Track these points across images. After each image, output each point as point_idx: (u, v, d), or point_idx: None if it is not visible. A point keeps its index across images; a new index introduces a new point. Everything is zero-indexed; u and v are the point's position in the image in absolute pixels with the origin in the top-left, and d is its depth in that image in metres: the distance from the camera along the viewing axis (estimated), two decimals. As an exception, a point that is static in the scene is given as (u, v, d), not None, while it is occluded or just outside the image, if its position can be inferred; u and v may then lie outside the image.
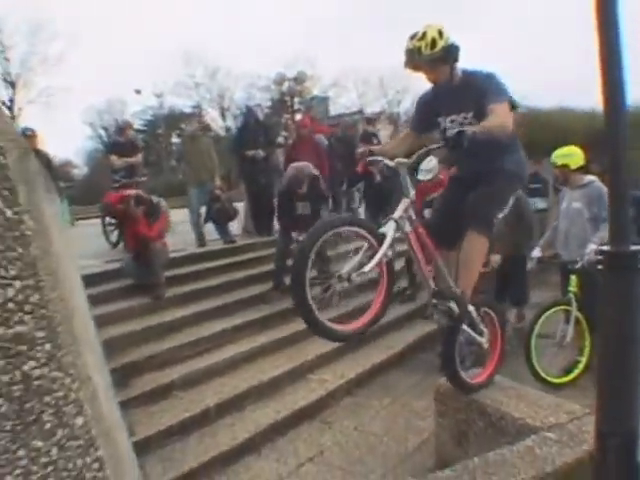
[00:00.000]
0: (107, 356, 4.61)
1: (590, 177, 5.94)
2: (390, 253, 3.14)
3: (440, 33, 3.48)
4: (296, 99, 28.22)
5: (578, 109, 16.70)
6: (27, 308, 1.46)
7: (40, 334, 1.47)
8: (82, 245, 9.48)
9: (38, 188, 2.29)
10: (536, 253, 6.46)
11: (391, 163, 3.47)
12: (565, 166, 6.04)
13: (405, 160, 3.40)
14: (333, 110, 46.64)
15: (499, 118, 3.34)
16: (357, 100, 48.37)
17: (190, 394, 5.42)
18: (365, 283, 3.86)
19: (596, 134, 6.48)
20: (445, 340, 3.87)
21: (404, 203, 3.33)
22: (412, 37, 3.50)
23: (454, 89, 3.64)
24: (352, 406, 5.60)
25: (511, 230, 6.19)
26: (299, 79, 23.40)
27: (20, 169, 1.69)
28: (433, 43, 3.45)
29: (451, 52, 3.54)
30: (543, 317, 5.79)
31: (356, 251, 3.13)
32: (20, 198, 1.52)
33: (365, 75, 48.53)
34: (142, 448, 4.40)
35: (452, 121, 3.73)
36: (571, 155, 6.04)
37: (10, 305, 1.44)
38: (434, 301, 3.65)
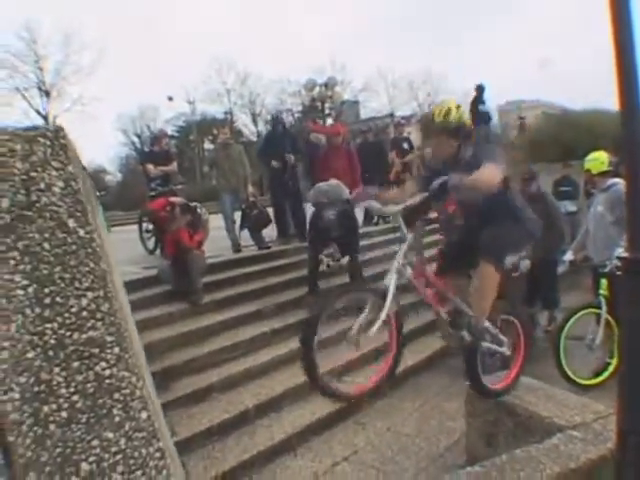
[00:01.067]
0: (148, 360, 4.80)
1: (614, 180, 5.98)
2: (395, 307, 3.31)
3: (457, 107, 3.68)
4: (327, 104, 28.17)
5: (611, 110, 16.46)
6: (98, 316, 1.66)
7: (110, 338, 1.68)
8: (119, 251, 9.67)
9: (94, 203, 2.50)
10: (568, 256, 6.51)
11: (386, 210, 3.64)
12: (588, 171, 6.14)
13: (397, 208, 3.51)
14: (364, 114, 46.86)
15: (485, 172, 3.39)
16: (388, 104, 48.59)
17: (229, 396, 5.57)
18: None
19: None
20: (465, 358, 3.99)
21: (402, 249, 3.45)
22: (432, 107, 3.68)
23: (461, 163, 3.72)
24: (385, 408, 5.71)
25: (541, 234, 6.25)
26: (329, 84, 23.38)
27: (85, 190, 1.89)
28: (447, 113, 3.63)
29: (462, 129, 3.69)
30: (572, 319, 5.84)
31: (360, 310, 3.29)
32: (89, 218, 1.72)
33: (395, 78, 48.74)
34: (184, 448, 4.55)
35: None
36: (595, 160, 6.13)
37: (84, 313, 1.64)
38: (450, 330, 3.85)
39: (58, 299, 1.63)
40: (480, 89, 16.76)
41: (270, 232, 9.86)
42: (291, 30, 70.28)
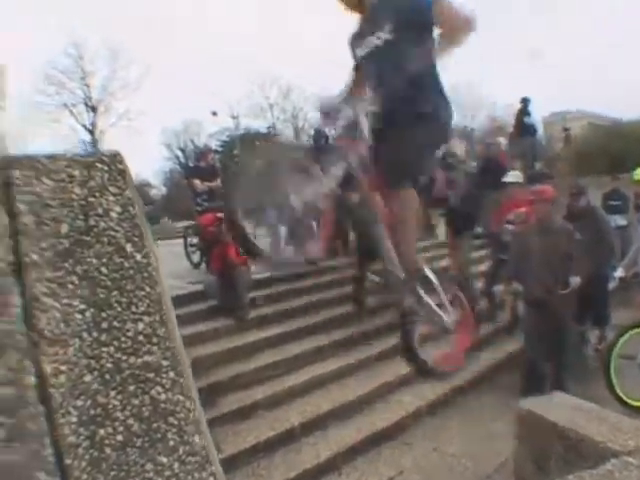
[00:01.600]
0: (193, 376, 4.83)
1: None
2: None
3: None
4: (369, 118, 28.23)
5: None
6: (154, 340, 1.67)
7: (165, 363, 1.68)
8: (164, 265, 9.70)
9: (146, 223, 2.53)
10: (619, 273, 6.36)
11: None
12: None
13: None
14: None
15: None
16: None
17: (274, 413, 5.58)
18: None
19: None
20: (401, 322, 3.40)
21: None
22: None
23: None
24: (432, 427, 5.65)
25: (591, 249, 6.12)
26: (372, 98, 23.43)
27: (140, 213, 1.92)
28: None
29: None
30: (623, 338, 5.70)
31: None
32: (145, 241, 1.74)
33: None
34: (229, 465, 4.58)
35: None
36: None
37: (140, 337, 1.66)
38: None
39: (115, 323, 1.64)
40: (525, 102, 16.57)
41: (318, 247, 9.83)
42: (331, 43, 70.33)
